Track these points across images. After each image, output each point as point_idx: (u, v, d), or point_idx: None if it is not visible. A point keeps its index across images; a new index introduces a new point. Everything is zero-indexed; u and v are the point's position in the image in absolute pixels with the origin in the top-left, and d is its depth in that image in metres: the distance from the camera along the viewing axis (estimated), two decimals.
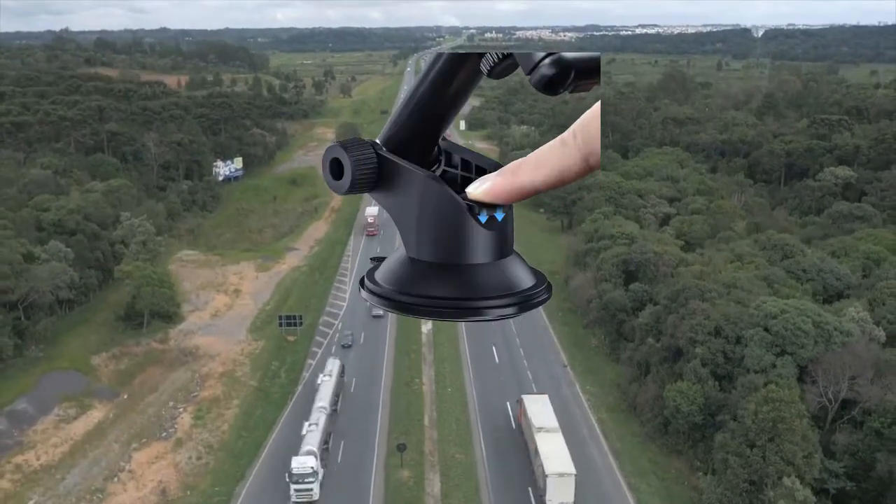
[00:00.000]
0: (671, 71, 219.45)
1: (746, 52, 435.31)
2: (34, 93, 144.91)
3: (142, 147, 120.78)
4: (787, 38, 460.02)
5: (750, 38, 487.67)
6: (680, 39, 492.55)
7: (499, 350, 73.64)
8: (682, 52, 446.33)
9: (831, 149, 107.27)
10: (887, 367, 53.86)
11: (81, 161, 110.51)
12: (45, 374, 66.44)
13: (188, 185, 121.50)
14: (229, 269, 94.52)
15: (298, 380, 68.46)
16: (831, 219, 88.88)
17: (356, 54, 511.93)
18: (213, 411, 63.03)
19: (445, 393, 65.34)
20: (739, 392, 53.41)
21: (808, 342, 54.35)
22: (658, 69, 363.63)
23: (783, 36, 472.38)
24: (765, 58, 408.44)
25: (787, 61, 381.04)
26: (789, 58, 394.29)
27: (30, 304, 70.30)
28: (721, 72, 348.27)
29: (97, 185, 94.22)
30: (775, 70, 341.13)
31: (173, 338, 75.11)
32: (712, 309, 59.15)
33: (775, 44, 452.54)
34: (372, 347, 74.97)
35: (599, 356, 72.49)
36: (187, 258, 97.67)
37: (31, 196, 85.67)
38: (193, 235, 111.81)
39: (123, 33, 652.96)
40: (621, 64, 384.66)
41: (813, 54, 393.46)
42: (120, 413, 62.40)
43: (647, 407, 60.06)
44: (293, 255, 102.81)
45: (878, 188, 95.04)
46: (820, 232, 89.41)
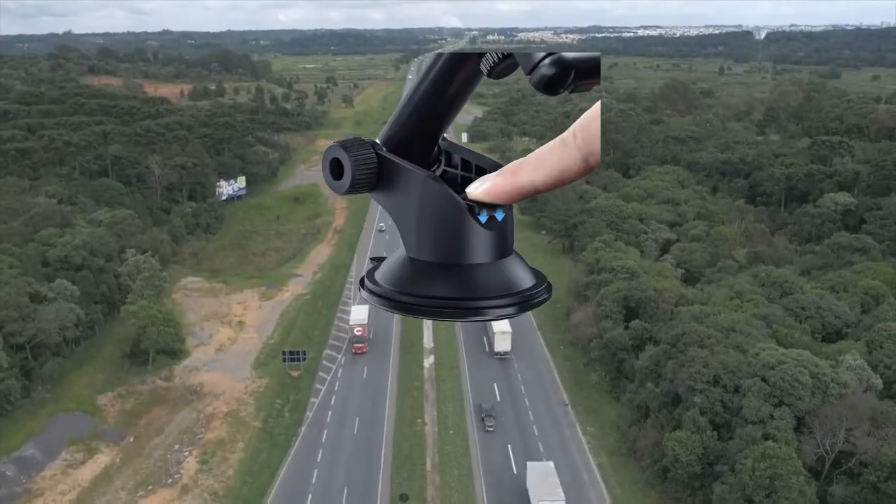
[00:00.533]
0: (673, 81, 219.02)
1: (748, 55, 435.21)
2: (38, 111, 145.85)
3: (146, 170, 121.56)
4: (788, 41, 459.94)
5: (752, 41, 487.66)
6: (682, 42, 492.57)
7: (500, 387, 74.36)
8: (685, 55, 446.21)
9: (831, 174, 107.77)
10: (883, 419, 54.54)
11: (86, 186, 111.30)
12: (52, 416, 67.30)
13: (192, 207, 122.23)
14: (233, 299, 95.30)
15: (302, 420, 69.22)
16: (831, 249, 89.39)
17: (358, 58, 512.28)
18: (218, 454, 63.84)
19: (447, 435, 66.06)
20: (737, 443, 54.12)
21: (805, 394, 55.00)
22: (660, 73, 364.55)
23: (785, 39, 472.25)
24: (767, 61, 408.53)
25: (789, 65, 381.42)
26: (791, 61, 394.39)
27: (36, 344, 71.14)
28: (723, 77, 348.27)
29: (102, 215, 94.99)
30: (777, 74, 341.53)
31: (178, 375, 75.92)
32: (711, 357, 59.80)
33: (777, 47, 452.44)
34: (374, 381, 75.66)
35: (600, 394, 73.18)
36: (191, 286, 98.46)
37: (37, 229, 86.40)
38: (197, 259, 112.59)
39: (126, 36, 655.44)
40: (623, 68, 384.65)
41: (815, 58, 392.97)
42: (126, 457, 63.22)
43: (646, 452, 60.77)
44: (296, 281, 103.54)
45: (877, 216, 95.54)
46: (819, 262, 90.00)
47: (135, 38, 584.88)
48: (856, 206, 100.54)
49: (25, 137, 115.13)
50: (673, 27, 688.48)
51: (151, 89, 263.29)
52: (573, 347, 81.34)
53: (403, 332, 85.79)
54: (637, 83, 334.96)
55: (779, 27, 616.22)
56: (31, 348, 70.99)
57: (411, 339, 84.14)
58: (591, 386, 74.63)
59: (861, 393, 56.73)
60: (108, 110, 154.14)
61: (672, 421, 60.46)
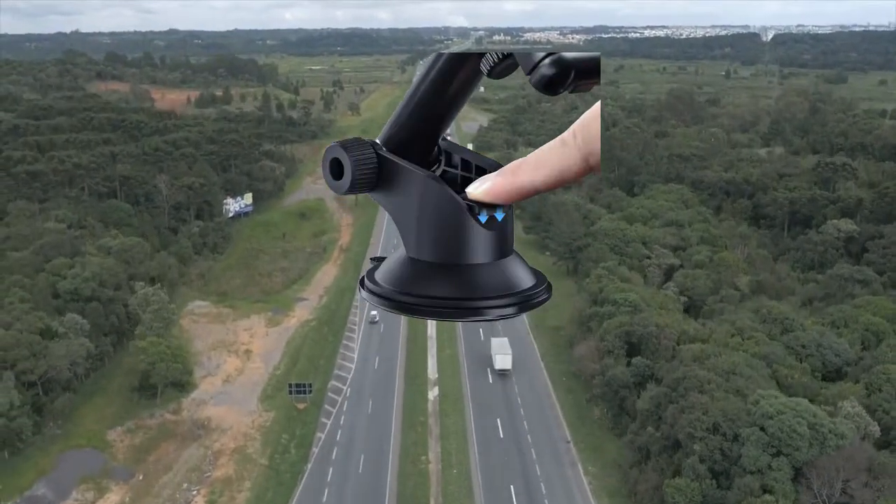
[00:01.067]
0: (678, 90, 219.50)
1: (755, 57, 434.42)
2: (48, 127, 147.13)
3: (153, 189, 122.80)
4: (795, 43, 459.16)
5: (758, 43, 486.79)
6: (688, 44, 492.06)
7: (503, 422, 75.33)
8: (691, 57, 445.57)
9: (835, 199, 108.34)
10: (880, 470, 55.38)
11: (95, 208, 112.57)
12: (62, 452, 68.60)
13: (199, 226, 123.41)
14: (240, 325, 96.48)
15: (308, 456, 70.33)
16: (832, 279, 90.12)
17: (364, 59, 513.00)
18: (226, 494, 65.02)
19: (451, 474, 67.08)
20: (736, 494, 55.06)
21: (803, 444, 55.84)
22: (666, 77, 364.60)
23: (792, 41, 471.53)
24: (773, 64, 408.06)
25: (795, 68, 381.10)
26: (798, 64, 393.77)
27: (47, 380, 72.39)
28: (729, 80, 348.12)
29: (111, 241, 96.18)
30: (784, 79, 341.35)
31: (186, 408, 77.12)
32: (711, 403, 60.66)
33: (784, 49, 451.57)
34: (379, 415, 76.70)
35: (602, 430, 74.09)
36: (199, 311, 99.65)
37: (47, 258, 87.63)
38: (205, 280, 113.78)
39: (133, 35, 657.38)
40: (629, 72, 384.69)
41: (821, 61, 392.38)
42: (136, 496, 64.46)
43: (647, 496, 61.69)
44: (303, 306, 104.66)
45: (879, 245, 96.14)
46: (821, 292, 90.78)
47: (141, 37, 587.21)
48: (858, 234, 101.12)
49: (35, 159, 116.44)
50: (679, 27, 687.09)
51: (158, 96, 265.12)
52: (576, 379, 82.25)
53: (408, 362, 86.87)
54: (643, 87, 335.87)
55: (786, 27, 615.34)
56: (42, 384, 72.25)
57: (416, 371, 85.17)
58: (594, 422, 75.55)
59: (858, 442, 57.54)
60: (117, 124, 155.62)
61: (672, 465, 61.37)
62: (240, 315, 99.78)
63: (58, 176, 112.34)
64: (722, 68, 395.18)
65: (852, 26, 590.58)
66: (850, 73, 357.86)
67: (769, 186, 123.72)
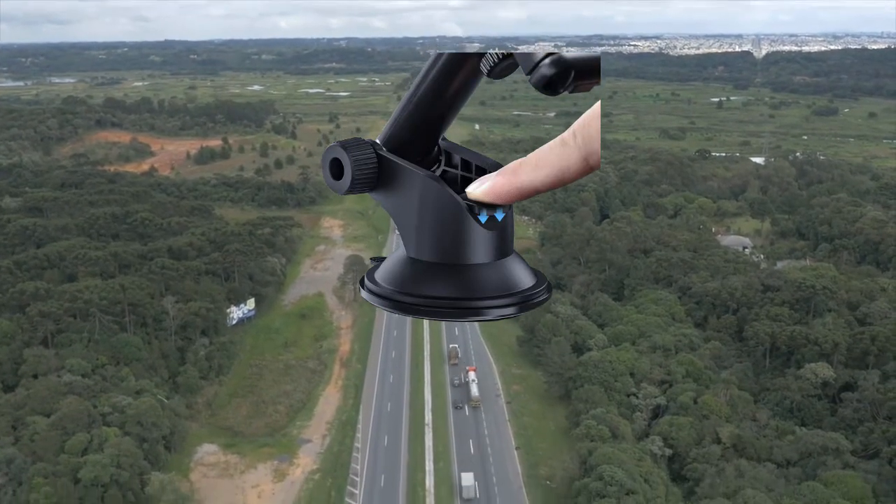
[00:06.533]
0: (669, 157, 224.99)
1: (748, 78, 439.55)
2: (56, 228, 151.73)
3: (161, 312, 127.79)
4: (787, 63, 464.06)
5: (751, 62, 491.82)
6: (682, 63, 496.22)
7: None
8: (685, 79, 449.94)
9: (814, 340, 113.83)
10: None
11: (106, 343, 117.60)
12: None
13: (205, 346, 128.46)
14: (248, 481, 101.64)
15: None
16: (807, 444, 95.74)
17: (360, 78, 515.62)
18: None
19: None
20: None
21: None
22: (659, 107, 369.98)
23: (784, 60, 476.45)
24: (766, 86, 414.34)
25: (786, 94, 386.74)
26: (789, 89, 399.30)
27: None
28: (721, 111, 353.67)
29: (123, 402, 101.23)
30: (774, 109, 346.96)
31: None
32: None
33: (776, 69, 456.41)
34: None
35: None
36: (207, 461, 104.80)
37: (65, 431, 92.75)
38: (211, 410, 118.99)
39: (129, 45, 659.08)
40: (623, 98, 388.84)
41: (813, 86, 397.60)
42: None
43: None
44: (307, 450, 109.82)
45: (852, 399, 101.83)
46: (796, 455, 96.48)
47: (137, 52, 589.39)
48: (834, 380, 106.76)
49: (47, 292, 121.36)
50: (673, 38, 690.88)
51: (158, 147, 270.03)
52: None
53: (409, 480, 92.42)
54: (636, 120, 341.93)
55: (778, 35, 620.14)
56: None
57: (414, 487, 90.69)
58: None
59: None
60: (122, 220, 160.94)
61: None
62: (247, 464, 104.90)
63: (70, 314, 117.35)
64: (715, 93, 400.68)
65: (844, 35, 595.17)
66: (840, 100, 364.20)
67: (754, 303, 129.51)
